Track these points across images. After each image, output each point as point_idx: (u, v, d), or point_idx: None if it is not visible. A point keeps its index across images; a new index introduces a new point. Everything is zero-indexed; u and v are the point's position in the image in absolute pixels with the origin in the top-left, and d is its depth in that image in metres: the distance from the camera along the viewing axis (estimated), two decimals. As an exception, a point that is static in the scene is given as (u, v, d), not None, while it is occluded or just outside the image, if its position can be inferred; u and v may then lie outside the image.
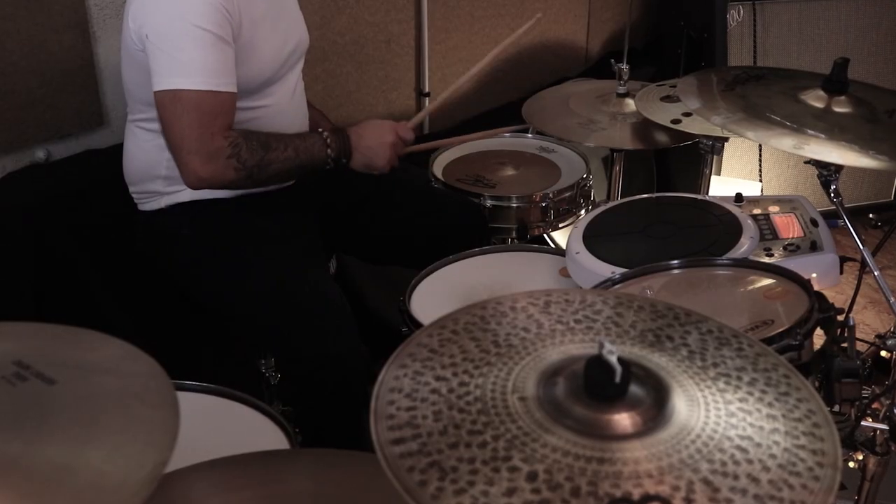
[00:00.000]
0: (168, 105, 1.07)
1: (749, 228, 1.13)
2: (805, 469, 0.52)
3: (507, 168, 1.55)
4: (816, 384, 0.91)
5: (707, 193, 1.57)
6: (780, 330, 0.88)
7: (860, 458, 0.95)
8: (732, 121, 1.14)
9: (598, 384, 0.55)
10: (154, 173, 1.20)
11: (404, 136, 1.27)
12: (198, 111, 1.06)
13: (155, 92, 1.07)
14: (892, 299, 1.09)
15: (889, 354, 1.04)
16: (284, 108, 1.23)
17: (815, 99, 1.17)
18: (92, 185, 1.32)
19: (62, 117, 1.35)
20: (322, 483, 0.66)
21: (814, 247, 1.14)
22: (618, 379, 0.54)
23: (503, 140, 1.64)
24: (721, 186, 1.87)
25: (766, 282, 1.00)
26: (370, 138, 1.22)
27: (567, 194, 1.46)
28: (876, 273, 1.11)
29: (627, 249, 1.13)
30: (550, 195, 1.44)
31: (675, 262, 1.03)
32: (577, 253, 1.13)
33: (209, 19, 1.06)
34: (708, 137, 1.47)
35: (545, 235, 1.63)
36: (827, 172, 1.15)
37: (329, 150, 1.19)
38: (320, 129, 1.21)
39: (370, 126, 1.25)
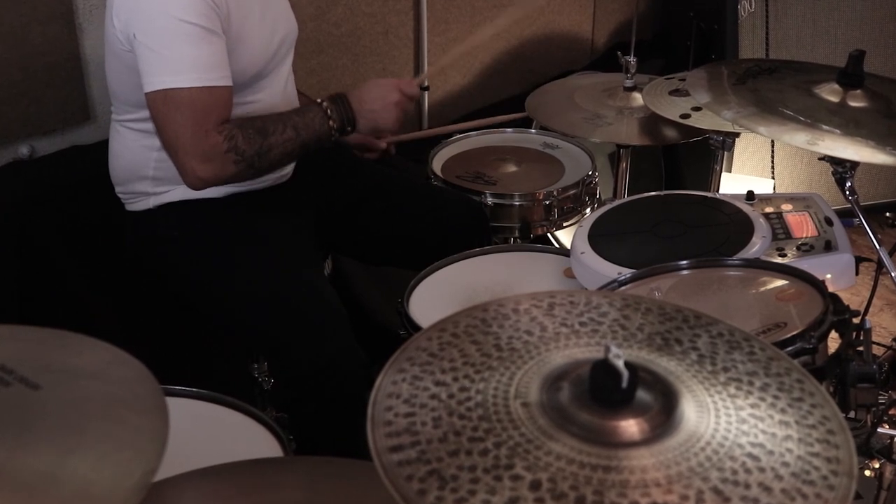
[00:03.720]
0: (160, 106, 1.05)
1: (761, 227, 1.11)
2: (819, 478, 0.50)
3: (509, 164, 1.53)
4: (831, 389, 0.89)
5: (717, 191, 1.55)
6: (794, 333, 0.87)
7: (876, 466, 0.93)
8: (744, 115, 1.12)
9: (604, 389, 0.53)
10: (141, 174, 1.18)
11: (409, 91, 1.19)
12: (191, 109, 1.04)
13: (146, 93, 1.05)
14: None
15: (905, 357, 1.01)
16: (276, 103, 1.20)
17: (830, 93, 1.15)
18: (78, 183, 1.30)
19: (46, 112, 1.33)
20: (317, 492, 0.65)
21: (828, 247, 1.11)
22: (624, 384, 0.53)
23: (505, 136, 1.62)
24: (732, 184, 1.85)
25: (779, 283, 0.98)
26: (373, 101, 1.17)
27: (572, 192, 1.44)
28: (893, 274, 1.09)
29: (634, 249, 1.11)
30: (554, 193, 1.42)
31: (684, 262, 1.02)
32: (583, 253, 1.11)
33: (196, 12, 1.04)
34: (718, 133, 1.45)
35: (549, 235, 1.61)
36: (842, 169, 1.13)
37: (331, 122, 1.15)
38: (319, 100, 1.17)
39: (371, 87, 1.19)
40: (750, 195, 1.23)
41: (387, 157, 1.42)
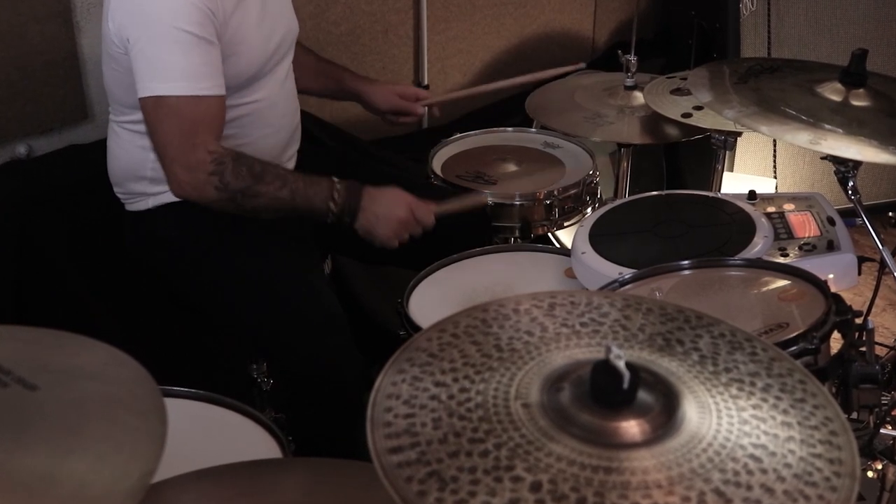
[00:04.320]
0: (151, 111, 1.05)
1: (763, 227, 1.11)
2: (821, 479, 0.50)
3: (510, 164, 1.52)
4: (833, 390, 0.89)
5: (719, 191, 1.54)
6: (796, 333, 0.86)
7: (879, 467, 0.93)
8: (745, 115, 1.12)
9: (605, 390, 0.53)
10: (139, 174, 1.18)
11: (421, 218, 1.14)
12: (178, 118, 1.04)
13: (139, 98, 1.06)
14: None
15: (908, 357, 1.01)
16: (275, 102, 1.20)
17: (833, 92, 1.15)
18: (76, 182, 1.30)
19: (44, 111, 1.33)
20: (316, 493, 0.65)
21: (831, 246, 1.11)
22: (626, 385, 0.53)
23: (505, 135, 1.62)
24: (734, 183, 1.84)
25: (781, 283, 0.98)
26: (382, 205, 1.12)
27: (572, 191, 1.43)
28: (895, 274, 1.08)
29: (636, 249, 1.11)
30: (555, 192, 1.42)
31: (686, 262, 1.01)
32: (583, 253, 1.11)
33: (189, 19, 1.03)
34: (720, 132, 1.45)
35: (549, 235, 1.61)
36: (844, 169, 1.13)
37: (332, 204, 1.11)
38: (334, 179, 1.14)
39: (387, 193, 1.14)
40: (752, 195, 1.23)
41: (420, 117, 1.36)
